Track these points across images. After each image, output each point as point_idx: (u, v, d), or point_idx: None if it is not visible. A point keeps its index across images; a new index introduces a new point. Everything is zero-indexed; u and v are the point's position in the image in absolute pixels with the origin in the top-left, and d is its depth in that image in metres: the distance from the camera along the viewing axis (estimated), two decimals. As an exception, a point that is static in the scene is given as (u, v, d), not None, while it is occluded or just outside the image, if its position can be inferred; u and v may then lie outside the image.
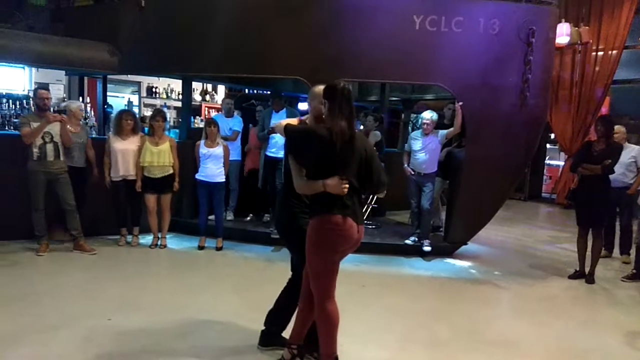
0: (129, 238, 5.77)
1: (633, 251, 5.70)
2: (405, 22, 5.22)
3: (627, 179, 5.91)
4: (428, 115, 5.77)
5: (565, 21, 7.05)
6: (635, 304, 4.80)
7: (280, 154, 5.91)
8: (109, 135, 5.60)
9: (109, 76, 7.04)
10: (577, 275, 5.44)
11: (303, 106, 8.15)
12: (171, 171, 5.61)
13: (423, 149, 5.78)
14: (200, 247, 5.75)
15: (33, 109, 5.47)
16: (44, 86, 6.49)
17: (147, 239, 5.83)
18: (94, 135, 6.52)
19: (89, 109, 7.53)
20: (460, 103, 5.37)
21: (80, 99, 7.64)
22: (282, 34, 5.44)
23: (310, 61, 5.40)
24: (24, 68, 8.03)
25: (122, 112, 5.73)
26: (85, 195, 5.50)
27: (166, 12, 5.94)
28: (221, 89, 11.03)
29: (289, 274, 3.28)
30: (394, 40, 5.27)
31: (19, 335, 3.37)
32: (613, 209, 5.95)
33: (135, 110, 9.59)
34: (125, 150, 5.49)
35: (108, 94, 7.58)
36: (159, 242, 5.74)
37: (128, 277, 4.78)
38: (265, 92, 8.73)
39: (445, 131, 5.77)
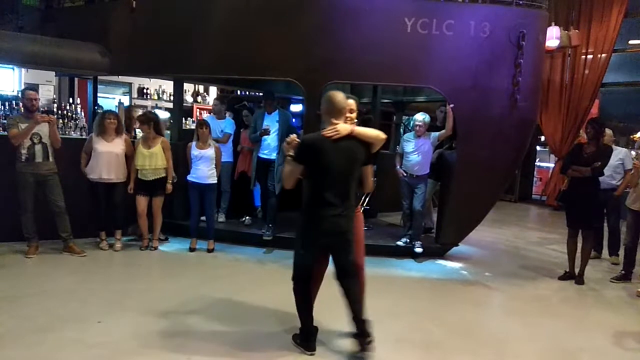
0: (111, 240, 5.66)
1: (621, 252, 5.76)
2: (396, 25, 5.24)
3: (614, 181, 5.98)
4: (420, 117, 5.79)
5: (555, 24, 7.13)
6: (624, 305, 4.85)
7: (273, 156, 5.91)
8: (90, 136, 5.53)
9: (99, 77, 6.99)
10: (567, 276, 5.49)
11: (295, 108, 8.14)
12: (164, 174, 5.58)
13: (415, 151, 5.80)
14: (192, 249, 5.72)
15: (22, 110, 5.41)
16: (32, 87, 6.44)
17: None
18: (83, 137, 6.46)
19: (79, 109, 7.47)
20: (452, 105, 5.40)
21: (71, 99, 7.59)
22: (274, 36, 5.43)
23: (302, 63, 5.41)
24: (13, 69, 7.96)
25: (104, 112, 5.63)
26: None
27: (158, 13, 5.92)
28: (213, 90, 10.99)
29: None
30: (386, 42, 5.28)
31: (7, 338, 3.33)
32: (601, 211, 6.02)
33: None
34: (108, 153, 5.39)
35: (99, 94, 7.52)
36: (150, 244, 5.71)
37: (118, 279, 4.75)
38: (257, 93, 8.72)
39: (437, 133, 5.80)
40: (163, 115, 6.27)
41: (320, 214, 3.18)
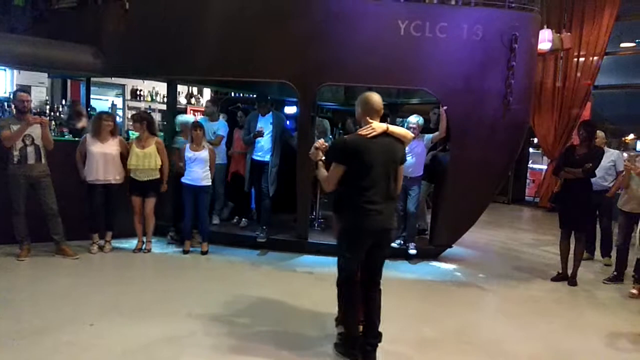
0: (101, 242, 5.62)
1: (614, 253, 5.80)
2: (390, 27, 5.26)
3: (607, 182, 6.03)
4: (414, 120, 5.81)
5: (547, 27, 7.16)
6: (617, 306, 4.88)
7: (267, 158, 5.90)
8: (85, 136, 5.50)
9: (92, 78, 6.95)
10: (560, 277, 5.52)
11: (289, 110, 8.14)
12: (157, 175, 5.56)
13: (409, 153, 5.79)
14: (185, 252, 5.70)
15: (14, 112, 5.37)
16: (24, 88, 6.39)
17: (132, 242, 5.78)
18: (76, 138, 6.42)
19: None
20: (445, 107, 5.42)
21: (64, 101, 7.55)
22: (269, 38, 5.43)
23: (297, 65, 5.41)
24: (5, 70, 7.91)
25: (101, 114, 5.62)
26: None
27: (151, 15, 5.89)
28: (207, 92, 10.96)
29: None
30: (379, 45, 5.29)
31: (0, 341, 3.31)
32: (593, 212, 6.06)
33: (120, 113, 9.49)
34: (104, 154, 5.37)
35: (92, 96, 7.48)
36: (143, 247, 5.68)
37: (111, 282, 4.73)
38: (251, 95, 8.71)
39: (430, 135, 5.82)
40: (189, 118, 6.14)
41: (364, 213, 3.16)
